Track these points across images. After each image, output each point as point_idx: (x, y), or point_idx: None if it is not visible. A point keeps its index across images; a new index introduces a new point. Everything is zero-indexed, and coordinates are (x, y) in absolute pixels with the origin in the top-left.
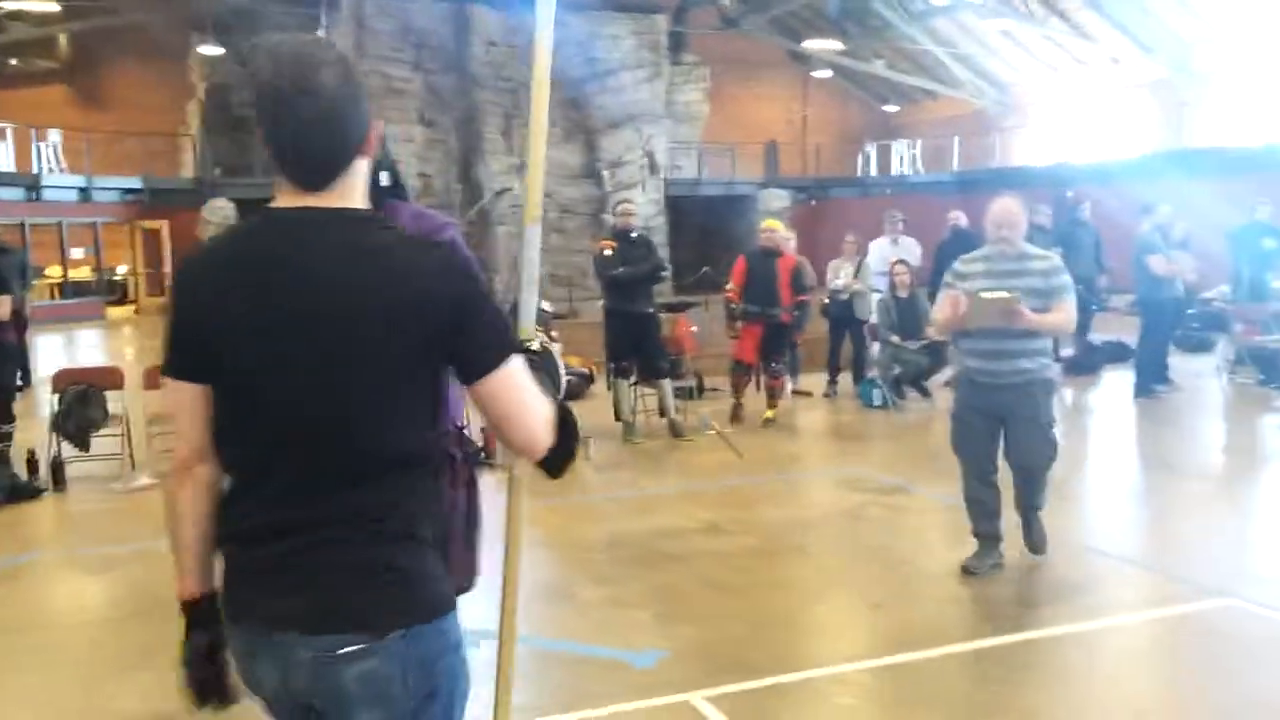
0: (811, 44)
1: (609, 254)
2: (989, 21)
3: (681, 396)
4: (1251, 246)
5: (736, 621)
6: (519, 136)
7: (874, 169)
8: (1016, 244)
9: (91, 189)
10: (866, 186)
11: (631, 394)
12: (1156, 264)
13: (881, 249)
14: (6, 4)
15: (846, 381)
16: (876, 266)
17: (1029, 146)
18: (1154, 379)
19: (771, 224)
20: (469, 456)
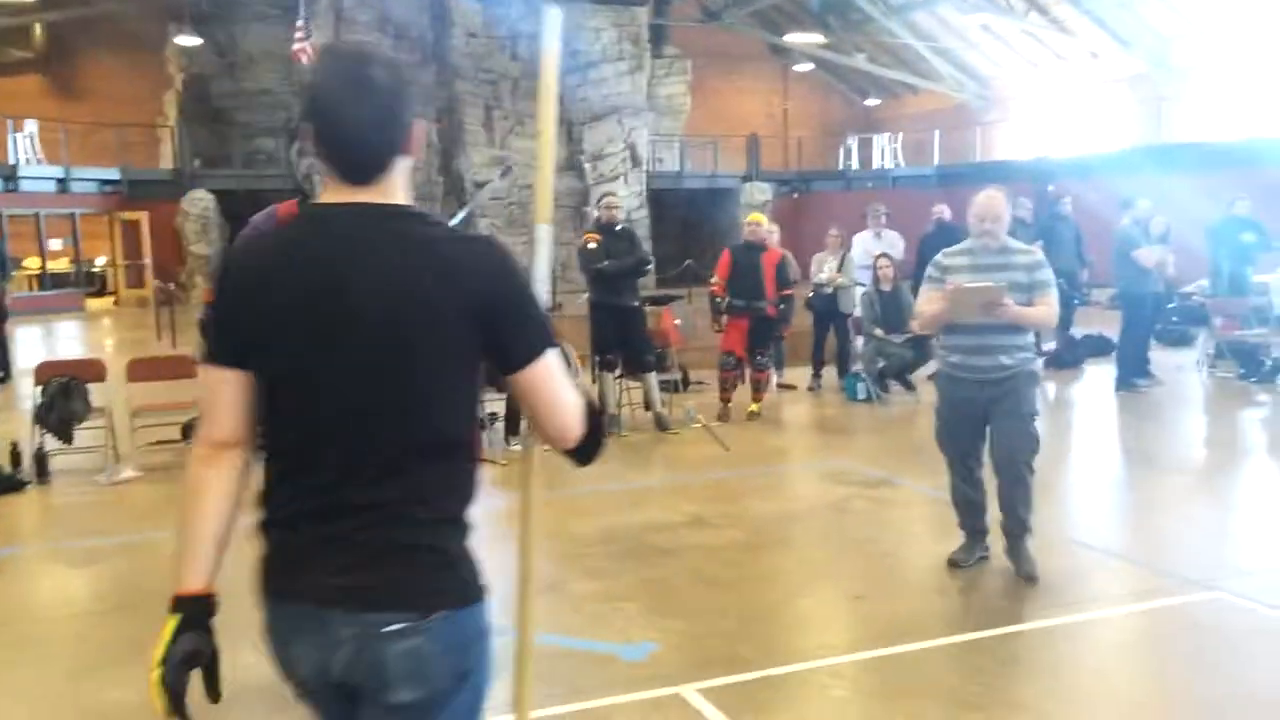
0: (793, 37)
1: (593, 247)
2: (969, 16)
3: (666, 390)
4: (1230, 241)
5: (726, 614)
6: (500, 129)
7: (855, 163)
8: (1000, 238)
9: (69, 180)
10: (848, 180)
11: (617, 387)
12: (1144, 256)
13: (865, 242)
14: None
15: (831, 375)
16: (860, 260)
17: (1009, 141)
18: (1135, 373)
19: (756, 218)
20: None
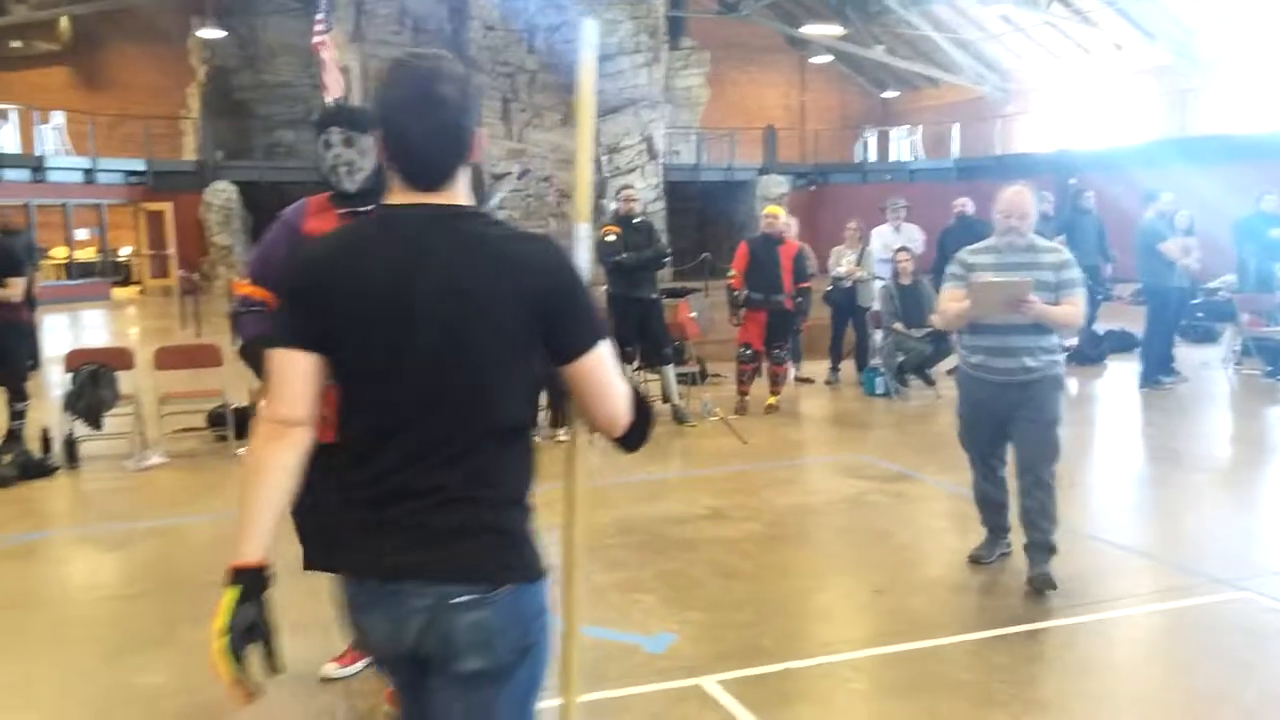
0: (810, 29)
1: (612, 239)
2: (990, 6)
3: (684, 382)
4: (1258, 236)
5: (745, 607)
6: (517, 121)
7: (873, 155)
8: (1026, 235)
9: (96, 171)
10: (865, 173)
11: (634, 380)
12: (1171, 249)
13: (884, 236)
14: None
15: (849, 369)
16: (879, 253)
17: (1031, 133)
18: (1159, 370)
19: (774, 210)
20: None
